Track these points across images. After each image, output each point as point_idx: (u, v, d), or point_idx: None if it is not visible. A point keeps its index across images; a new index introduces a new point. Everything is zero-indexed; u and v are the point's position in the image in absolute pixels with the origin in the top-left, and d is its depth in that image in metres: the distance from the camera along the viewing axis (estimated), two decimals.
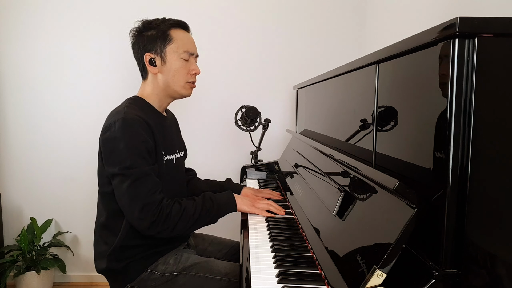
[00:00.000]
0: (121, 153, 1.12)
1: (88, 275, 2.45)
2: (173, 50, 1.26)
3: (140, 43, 1.28)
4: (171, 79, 1.28)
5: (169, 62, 1.26)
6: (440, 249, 0.65)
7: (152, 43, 1.26)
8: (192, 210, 1.18)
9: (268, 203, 1.35)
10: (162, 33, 1.26)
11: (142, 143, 1.14)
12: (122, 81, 2.32)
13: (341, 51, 2.37)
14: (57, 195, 2.39)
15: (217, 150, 2.42)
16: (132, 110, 1.19)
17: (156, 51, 1.26)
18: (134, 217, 1.12)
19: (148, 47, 1.26)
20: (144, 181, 1.12)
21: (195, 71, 1.31)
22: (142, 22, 1.29)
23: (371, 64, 0.97)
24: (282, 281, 0.87)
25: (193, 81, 1.33)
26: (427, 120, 0.70)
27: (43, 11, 2.27)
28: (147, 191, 1.12)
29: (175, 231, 1.15)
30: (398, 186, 0.71)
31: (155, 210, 1.12)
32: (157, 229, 1.13)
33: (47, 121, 2.34)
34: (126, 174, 1.12)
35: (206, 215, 1.20)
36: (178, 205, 1.17)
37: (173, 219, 1.14)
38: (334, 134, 1.33)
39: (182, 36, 1.29)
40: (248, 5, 2.34)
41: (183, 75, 1.29)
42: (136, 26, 1.30)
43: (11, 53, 2.29)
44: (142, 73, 1.32)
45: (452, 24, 0.61)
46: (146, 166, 1.14)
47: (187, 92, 1.32)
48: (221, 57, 2.35)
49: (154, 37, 1.26)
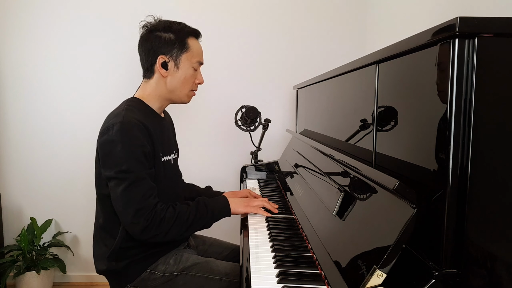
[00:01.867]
0: (118, 156, 1.12)
1: (88, 275, 2.45)
2: (187, 59, 1.27)
3: (153, 42, 1.25)
4: (179, 86, 1.28)
5: (181, 69, 1.26)
6: (440, 249, 0.65)
7: (169, 47, 1.24)
8: (186, 215, 1.17)
9: (262, 200, 1.35)
10: (181, 40, 1.25)
11: (139, 147, 1.13)
12: (123, 81, 2.32)
13: (341, 51, 2.37)
14: (57, 195, 2.39)
15: (217, 150, 2.42)
16: (131, 113, 1.18)
17: (171, 56, 1.25)
18: (128, 221, 1.12)
19: (164, 50, 1.24)
20: (139, 185, 1.12)
21: (200, 81, 1.33)
22: (159, 21, 1.27)
23: (371, 64, 0.97)
24: (282, 281, 0.87)
25: (195, 90, 1.35)
26: (427, 120, 0.70)
27: (43, 11, 2.27)
28: (141, 196, 1.11)
29: (168, 236, 1.15)
30: (398, 186, 0.71)
31: (148, 215, 1.11)
32: (150, 234, 1.12)
33: (47, 121, 2.34)
34: (121, 178, 1.11)
35: (200, 220, 1.20)
36: (172, 210, 1.16)
37: (167, 224, 1.13)
38: (334, 134, 1.33)
39: (197, 46, 1.30)
40: (248, 5, 2.34)
41: (190, 83, 1.30)
42: (151, 23, 1.27)
43: (11, 53, 2.29)
44: (147, 72, 1.29)
45: (452, 24, 0.61)
46: (142, 171, 1.13)
47: (188, 99, 1.34)
48: (221, 57, 2.35)
49: (172, 42, 1.24)
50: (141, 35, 1.29)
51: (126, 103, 1.24)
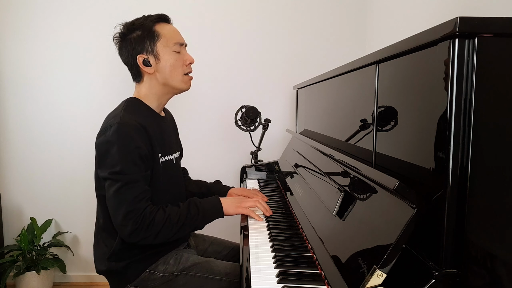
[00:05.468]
0: (113, 157, 1.11)
1: (88, 275, 2.45)
2: (163, 45, 1.24)
3: (127, 46, 1.25)
4: (169, 75, 1.26)
5: (163, 58, 1.25)
6: (440, 249, 0.65)
7: (141, 43, 1.24)
8: (176, 217, 1.15)
9: (254, 201, 1.31)
10: (148, 31, 1.24)
11: (135, 149, 1.13)
12: (123, 81, 2.31)
13: (341, 51, 2.37)
14: (57, 195, 2.39)
15: (217, 150, 2.42)
16: (129, 113, 1.17)
17: (147, 51, 1.24)
18: (117, 223, 1.12)
19: (138, 49, 1.24)
20: (132, 187, 1.11)
21: (189, 60, 1.30)
22: (123, 26, 1.27)
23: (371, 64, 0.97)
24: (282, 281, 0.87)
25: (189, 72, 1.32)
26: (427, 120, 0.70)
27: (44, 11, 2.27)
28: (132, 198, 1.11)
29: (158, 238, 1.14)
30: (398, 186, 0.71)
31: (137, 218, 1.10)
32: (139, 237, 1.12)
33: (47, 121, 2.34)
34: (114, 179, 1.11)
35: (191, 222, 1.18)
36: (162, 212, 1.15)
37: (156, 227, 1.12)
38: (334, 134, 1.33)
39: (168, 29, 1.27)
40: (248, 5, 2.34)
41: (179, 68, 1.27)
42: (119, 31, 1.27)
43: (11, 53, 2.29)
44: (136, 77, 1.29)
45: (452, 24, 0.61)
46: (136, 173, 1.12)
47: (186, 85, 1.31)
48: (221, 57, 2.35)
49: (141, 37, 1.23)
50: (117, 48, 1.30)
51: (124, 104, 1.24)
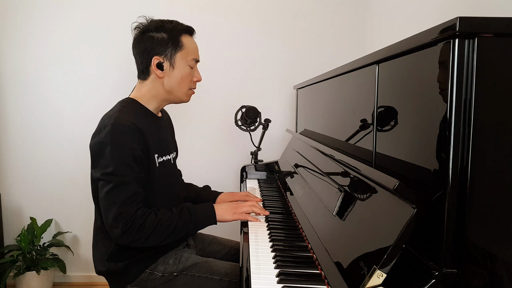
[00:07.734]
0: (106, 158, 1.11)
1: (88, 275, 2.45)
2: (182, 57, 1.24)
3: (147, 43, 1.23)
4: (177, 86, 1.26)
5: (177, 68, 1.24)
6: (440, 249, 0.65)
7: (163, 46, 1.22)
8: (167, 222, 1.15)
9: (250, 205, 1.31)
10: (174, 38, 1.23)
11: (129, 151, 1.12)
12: (123, 81, 2.31)
13: (341, 51, 2.37)
14: (57, 195, 2.39)
15: (217, 150, 2.42)
16: (124, 114, 1.17)
17: (166, 56, 1.23)
18: (108, 224, 1.12)
19: (158, 50, 1.22)
20: (124, 189, 1.11)
21: (198, 78, 1.31)
22: (150, 21, 1.25)
23: (371, 64, 0.97)
24: (282, 281, 0.87)
25: (194, 88, 1.33)
26: (427, 120, 0.70)
27: (43, 11, 2.27)
28: (124, 200, 1.10)
29: (148, 242, 1.14)
30: (398, 186, 0.71)
31: (128, 220, 1.10)
32: (129, 239, 1.11)
33: (47, 121, 2.34)
34: (107, 180, 1.11)
35: (182, 227, 1.18)
36: (154, 216, 1.14)
37: (146, 230, 1.12)
38: (334, 134, 1.33)
39: (191, 43, 1.27)
40: (248, 5, 2.34)
41: (188, 82, 1.28)
42: (143, 24, 1.25)
43: (11, 53, 2.29)
44: (142, 74, 1.27)
45: (452, 24, 0.61)
46: (129, 175, 1.12)
47: (187, 98, 1.32)
48: (221, 57, 2.35)
49: (165, 41, 1.22)
50: (134, 37, 1.27)
51: (120, 104, 1.23)
